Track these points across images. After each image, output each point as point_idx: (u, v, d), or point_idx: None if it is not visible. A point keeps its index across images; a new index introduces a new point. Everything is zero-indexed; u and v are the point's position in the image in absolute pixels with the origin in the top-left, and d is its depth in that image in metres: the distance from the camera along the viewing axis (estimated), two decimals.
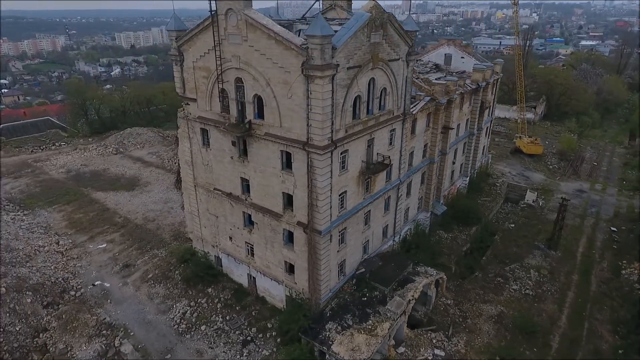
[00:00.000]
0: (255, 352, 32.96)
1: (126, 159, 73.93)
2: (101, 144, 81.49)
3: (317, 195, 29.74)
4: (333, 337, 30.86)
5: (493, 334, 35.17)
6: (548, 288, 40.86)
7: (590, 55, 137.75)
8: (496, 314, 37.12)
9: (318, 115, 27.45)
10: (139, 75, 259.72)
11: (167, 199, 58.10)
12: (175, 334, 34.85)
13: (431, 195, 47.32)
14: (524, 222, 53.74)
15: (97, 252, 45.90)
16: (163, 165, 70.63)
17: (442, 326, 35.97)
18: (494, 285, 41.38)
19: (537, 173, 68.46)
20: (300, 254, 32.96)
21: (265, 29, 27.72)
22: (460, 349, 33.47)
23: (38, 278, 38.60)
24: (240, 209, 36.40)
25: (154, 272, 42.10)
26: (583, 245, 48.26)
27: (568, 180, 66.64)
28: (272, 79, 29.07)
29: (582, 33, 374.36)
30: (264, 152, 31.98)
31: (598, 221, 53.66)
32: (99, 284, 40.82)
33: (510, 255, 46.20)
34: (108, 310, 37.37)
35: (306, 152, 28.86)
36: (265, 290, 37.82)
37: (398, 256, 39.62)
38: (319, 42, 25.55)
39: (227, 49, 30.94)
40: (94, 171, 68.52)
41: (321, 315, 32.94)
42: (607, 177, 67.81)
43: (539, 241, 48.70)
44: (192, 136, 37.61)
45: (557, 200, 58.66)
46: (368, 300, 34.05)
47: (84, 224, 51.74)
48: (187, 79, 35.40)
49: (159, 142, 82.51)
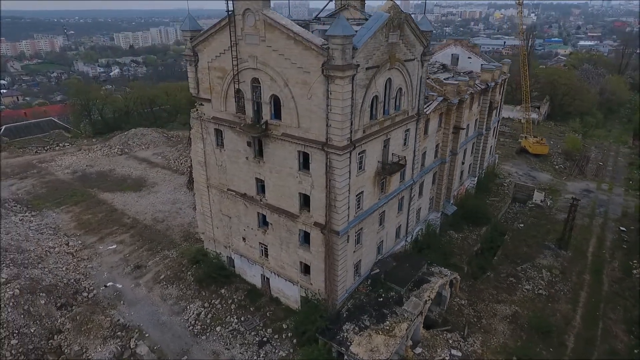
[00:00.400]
0: (272, 353, 32.87)
1: (131, 160, 73.69)
2: (105, 144, 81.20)
3: (336, 196, 29.68)
4: (351, 337, 30.80)
5: (508, 334, 35.19)
6: (561, 288, 40.92)
7: (591, 56, 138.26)
8: (510, 314, 37.14)
9: (338, 116, 27.40)
10: (138, 75, 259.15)
11: (175, 199, 57.93)
12: (191, 335, 34.72)
13: (442, 195, 47.33)
14: (533, 222, 53.80)
15: (108, 253, 45.71)
16: (169, 166, 70.42)
17: (457, 326, 35.96)
18: (506, 285, 41.41)
19: (544, 173, 68.59)
20: (317, 255, 32.89)
21: (285, 29, 27.65)
22: (477, 349, 33.47)
23: (51, 279, 38.39)
24: (254, 210, 36.30)
25: (166, 273, 41.94)
26: (593, 245, 48.36)
27: (574, 180, 66.79)
28: (290, 79, 28.99)
29: (580, 33, 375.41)
30: (280, 153, 31.89)
31: (607, 221, 53.78)
32: (111, 285, 40.65)
33: (521, 255, 46.24)
34: (122, 311, 37.21)
35: (325, 152, 28.80)
36: (279, 291, 37.74)
37: (412, 256, 39.61)
38: (341, 42, 25.52)
39: (243, 49, 30.84)
40: (100, 172, 68.28)
41: (338, 316, 32.88)
42: (613, 177, 68.02)
43: (549, 241, 48.77)
44: (205, 137, 37.48)
45: (564, 200, 58.97)
46: (384, 300, 34.01)
47: (92, 225, 51.53)
48: (202, 80, 35.28)
49: (164, 143, 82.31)
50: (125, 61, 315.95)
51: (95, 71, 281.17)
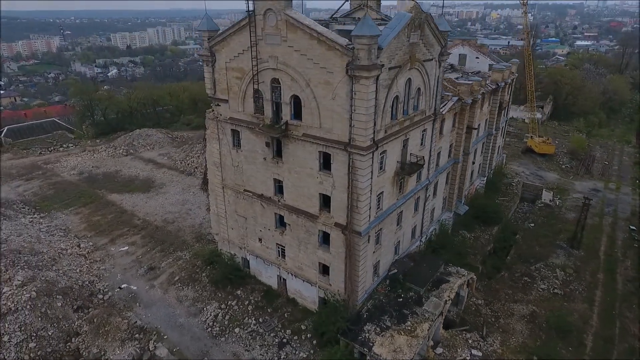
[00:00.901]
0: (292, 354, 32.75)
1: (137, 161, 73.32)
2: (110, 145, 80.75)
3: (358, 196, 29.61)
4: (373, 338, 30.73)
5: (527, 333, 35.24)
6: (575, 287, 41.05)
7: (591, 55, 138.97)
8: (528, 314, 37.21)
9: (362, 116, 27.34)
10: (136, 76, 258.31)
11: (184, 200, 57.69)
12: (209, 337, 34.55)
13: (454, 195, 47.38)
14: (543, 221, 53.97)
15: (120, 255, 45.43)
16: (175, 166, 70.10)
17: (475, 326, 35.97)
18: (521, 284, 41.50)
19: (551, 172, 68.84)
20: (337, 255, 32.80)
21: (308, 29, 27.56)
22: (497, 349, 33.50)
23: (66, 281, 38.09)
24: (272, 211, 36.17)
25: (180, 274, 41.72)
26: (605, 244, 48.55)
27: (582, 179, 67.08)
28: (312, 80, 28.89)
29: (576, 33, 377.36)
30: (300, 153, 31.78)
31: (616, 220, 54.03)
32: (125, 287, 40.39)
33: (534, 255, 46.35)
34: (138, 313, 36.97)
35: (348, 152, 28.73)
36: (296, 292, 37.61)
37: (429, 257, 39.60)
38: (367, 42, 25.46)
39: (263, 50, 30.71)
40: (107, 173, 67.89)
41: (358, 316, 32.81)
42: (619, 176, 68.36)
43: (561, 240, 48.94)
44: (221, 137, 37.29)
45: (573, 200, 59.27)
46: (404, 301, 33.98)
47: (102, 226, 51.21)
48: (219, 80, 35.10)
49: (168, 144, 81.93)
50: (122, 61, 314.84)
51: (92, 72, 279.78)
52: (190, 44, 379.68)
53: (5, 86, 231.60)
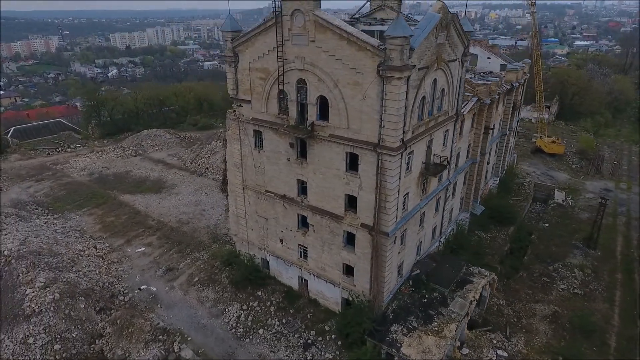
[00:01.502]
0: (318, 355, 32.71)
1: (147, 161, 73.12)
2: (118, 146, 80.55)
3: (386, 197, 29.59)
4: (400, 339, 30.71)
5: (551, 333, 35.29)
6: (595, 287, 41.14)
7: (595, 56, 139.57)
8: (550, 314, 37.26)
9: (393, 117, 27.31)
10: (136, 76, 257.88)
11: (198, 201, 57.55)
12: (234, 338, 34.46)
13: (472, 195, 47.43)
14: (557, 221, 54.07)
15: (137, 256, 45.29)
16: (186, 167, 69.95)
17: (498, 327, 35.98)
18: (541, 284, 41.55)
19: (561, 172, 69.01)
20: (362, 256, 32.77)
21: (338, 29, 27.49)
22: (522, 349, 33.53)
23: (87, 283, 37.93)
24: (294, 211, 36.09)
25: (199, 275, 41.62)
26: (620, 244, 48.69)
27: (592, 179, 67.28)
28: (340, 80, 28.83)
29: (575, 33, 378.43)
30: (326, 154, 31.71)
31: (630, 220, 54.20)
32: (145, 288, 40.27)
33: (550, 255, 46.43)
34: (160, 314, 36.84)
35: (377, 153, 28.70)
36: (318, 293, 37.55)
37: (450, 257, 39.61)
38: (400, 42, 25.43)
39: (290, 50, 30.62)
40: (117, 174, 67.67)
41: (384, 317, 32.79)
42: (630, 176, 68.59)
43: (576, 240, 49.04)
44: (243, 138, 37.19)
45: (585, 200, 59.48)
46: (428, 301, 33.98)
47: (117, 227, 51.04)
48: (242, 81, 34.99)
49: (177, 144, 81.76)
50: (122, 62, 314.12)
51: (92, 72, 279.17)
52: (189, 44, 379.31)
53: (5, 87, 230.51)
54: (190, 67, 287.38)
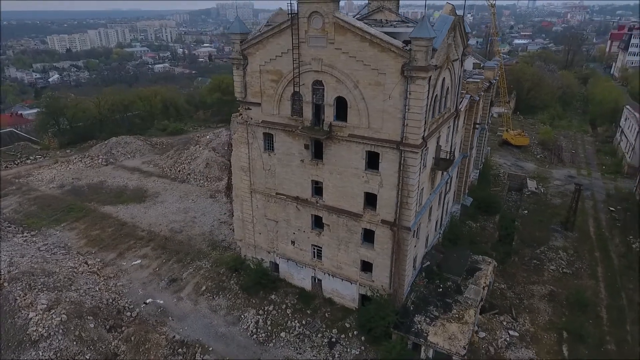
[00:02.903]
0: (345, 352, 33.16)
1: (121, 170, 69.64)
2: (85, 155, 75.88)
3: (408, 193, 30.63)
4: (425, 329, 31.92)
5: (551, 311, 38.08)
6: (580, 266, 44.80)
7: (541, 53, 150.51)
8: (547, 293, 40.17)
9: (416, 115, 28.35)
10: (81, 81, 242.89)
11: (186, 208, 55.84)
12: (256, 343, 34.06)
13: (462, 188, 49.87)
14: (534, 208, 58.06)
15: (134, 269, 43.29)
16: (165, 174, 67.43)
17: (504, 309, 38.27)
18: (533, 267, 44.59)
19: (528, 162, 74.04)
20: (382, 252, 33.64)
21: (360, 31, 28.10)
22: (529, 328, 35.95)
23: (90, 301, 35.77)
24: (308, 212, 36.26)
25: (207, 284, 40.59)
26: (592, 225, 53.25)
27: (556, 167, 72.79)
28: (361, 81, 29.46)
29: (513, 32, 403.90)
30: (344, 154, 32.23)
31: (596, 203, 59.33)
32: (151, 301, 38.65)
33: (535, 239, 49.84)
34: (173, 327, 35.59)
35: (399, 151, 29.63)
36: (333, 292, 37.96)
37: (455, 247, 41.49)
38: (425, 44, 26.49)
39: (306, 52, 30.82)
40: (91, 184, 63.90)
41: (405, 309, 33.85)
42: (587, 163, 74.95)
43: (555, 224, 53.00)
44: (251, 141, 36.79)
45: (555, 187, 64.34)
46: (444, 290, 35.51)
47: (105, 241, 48.39)
48: (251, 83, 34.62)
49: (150, 151, 78.53)
50: (63, 66, 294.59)
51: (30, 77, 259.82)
52: (136, 46, 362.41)
53: None
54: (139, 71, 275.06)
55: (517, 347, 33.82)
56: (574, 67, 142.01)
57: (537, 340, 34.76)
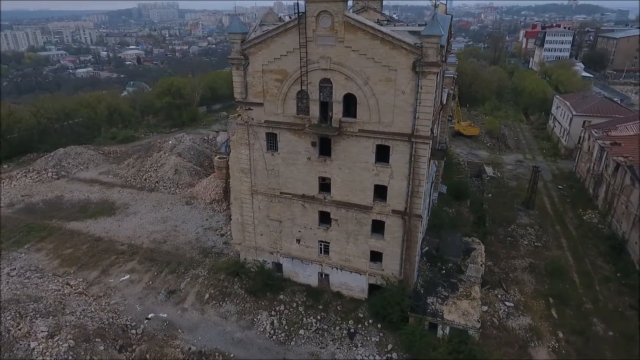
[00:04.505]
0: (366, 340, 34.21)
1: (77, 183, 64.37)
2: (29, 169, 68.83)
3: (419, 182, 32.42)
4: (440, 308, 34.01)
5: (534, 281, 42.22)
6: (547, 239, 50.00)
7: (472, 50, 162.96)
8: (527, 266, 44.40)
9: (427, 108, 30.14)
10: None
11: (164, 217, 53.30)
12: (277, 344, 33.94)
13: (440, 176, 53.16)
14: (496, 191, 63.38)
15: (124, 285, 40.72)
16: (130, 184, 63.51)
17: (495, 284, 41.73)
18: (509, 244, 48.94)
19: (481, 151, 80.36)
20: (392, 241, 35.16)
21: (372, 30, 29.23)
22: (520, 298, 39.65)
23: (91, 323, 33.13)
24: (314, 209, 36.75)
25: (209, 292, 39.41)
26: (548, 203, 59.49)
27: (505, 153, 79.84)
28: (371, 78, 30.62)
29: None
30: (353, 149, 33.22)
31: (545, 183, 66.18)
32: (153, 316, 36.74)
33: (504, 219, 54.55)
34: (186, 339, 34.22)
35: (411, 143, 31.27)
36: (341, 285, 38.81)
37: (447, 231, 44.20)
38: (436, 41, 28.30)
39: (314, 51, 31.32)
40: (46, 200, 58.41)
41: (416, 293, 35.70)
42: (530, 148, 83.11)
43: (517, 204, 58.42)
44: (253, 142, 36.40)
45: (508, 171, 70.67)
46: (447, 272, 37.94)
47: (82, 259, 44.79)
48: (252, 84, 34.30)
49: (104, 161, 73.31)
50: None
51: None
52: (52, 50, 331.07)
53: None
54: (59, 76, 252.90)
55: (515, 316, 37.22)
56: (500, 63, 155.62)
57: (529, 307, 38.49)
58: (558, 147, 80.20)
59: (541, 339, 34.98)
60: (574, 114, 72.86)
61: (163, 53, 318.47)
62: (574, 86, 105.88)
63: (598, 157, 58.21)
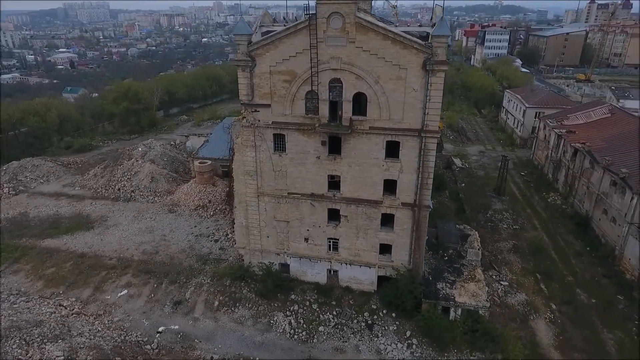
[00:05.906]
0: (384, 330, 35.40)
1: (40, 198, 59.60)
2: None
3: (428, 174, 34.15)
4: (450, 292, 36.05)
5: (520, 260, 45.85)
6: (522, 221, 54.31)
7: None
8: (511, 247, 48.04)
9: (436, 104, 31.87)
10: None
11: (150, 227, 51.07)
12: (299, 343, 34.15)
13: None
14: (468, 180, 67.55)
15: (124, 301, 38.72)
16: (101, 195, 59.90)
17: (487, 266, 44.76)
18: (490, 228, 52.57)
19: (446, 144, 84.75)
20: (401, 233, 36.66)
21: (383, 30, 30.42)
22: (512, 277, 42.96)
23: (104, 342, 31.24)
24: (324, 207, 37.33)
25: (218, 299, 38.63)
26: (515, 189, 64.47)
27: (467, 145, 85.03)
28: (382, 76, 31.81)
29: None
30: (363, 146, 34.24)
31: (508, 170, 71.43)
32: (164, 329, 35.38)
33: (480, 206, 58.45)
34: (205, 349, 33.40)
35: (420, 138, 32.86)
36: (350, 279, 39.73)
37: (441, 220, 46.62)
38: (445, 41, 30.06)
39: (324, 51, 31.91)
40: (10, 219, 53.60)
41: (426, 280, 37.51)
42: (488, 140, 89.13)
43: (489, 191, 62.76)
44: (259, 144, 36.19)
45: (474, 161, 75.45)
46: (449, 258, 40.21)
47: (68, 277, 41.90)
48: (259, 85, 34.15)
49: (65, 172, 68.58)
50: None
51: None
52: None
53: None
54: None
55: (512, 294, 40.33)
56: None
57: (521, 284, 41.83)
58: (513, 138, 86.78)
59: (537, 311, 38.26)
60: (527, 106, 79.29)
61: (99, 56, 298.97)
62: (519, 81, 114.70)
63: (555, 144, 64.05)
